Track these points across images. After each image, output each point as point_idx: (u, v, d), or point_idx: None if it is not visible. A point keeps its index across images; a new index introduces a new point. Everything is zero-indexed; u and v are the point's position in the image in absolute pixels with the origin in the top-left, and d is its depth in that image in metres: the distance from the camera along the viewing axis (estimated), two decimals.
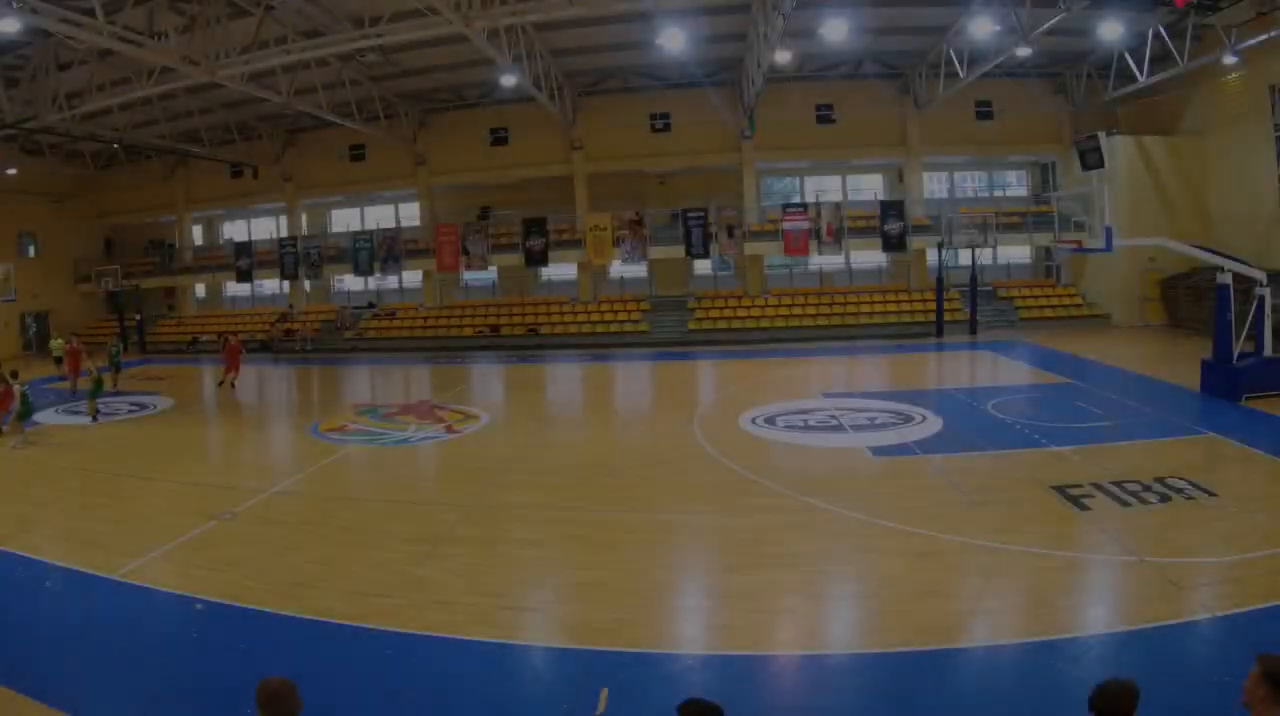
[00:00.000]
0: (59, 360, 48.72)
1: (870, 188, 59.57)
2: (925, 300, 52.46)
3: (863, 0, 40.67)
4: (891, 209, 52.21)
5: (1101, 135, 36.36)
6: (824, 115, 55.16)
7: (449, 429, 30.44)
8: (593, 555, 16.79)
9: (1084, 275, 52.84)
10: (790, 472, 22.09)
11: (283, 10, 35.97)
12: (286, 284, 66.86)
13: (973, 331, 48.48)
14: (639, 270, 60.06)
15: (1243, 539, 15.49)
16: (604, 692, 11.27)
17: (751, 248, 54.67)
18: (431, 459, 27.06)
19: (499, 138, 59.94)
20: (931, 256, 52.81)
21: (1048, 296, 53.37)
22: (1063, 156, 52.89)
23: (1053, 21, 34.95)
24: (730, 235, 52.91)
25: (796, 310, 54.10)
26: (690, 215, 53.37)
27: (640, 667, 12.14)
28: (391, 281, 65.91)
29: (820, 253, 53.47)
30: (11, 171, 59.34)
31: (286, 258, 62.10)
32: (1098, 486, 18.88)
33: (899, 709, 10.81)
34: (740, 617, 13.59)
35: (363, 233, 61.57)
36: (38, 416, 35.98)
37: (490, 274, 62.24)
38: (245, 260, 63.81)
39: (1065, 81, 52.35)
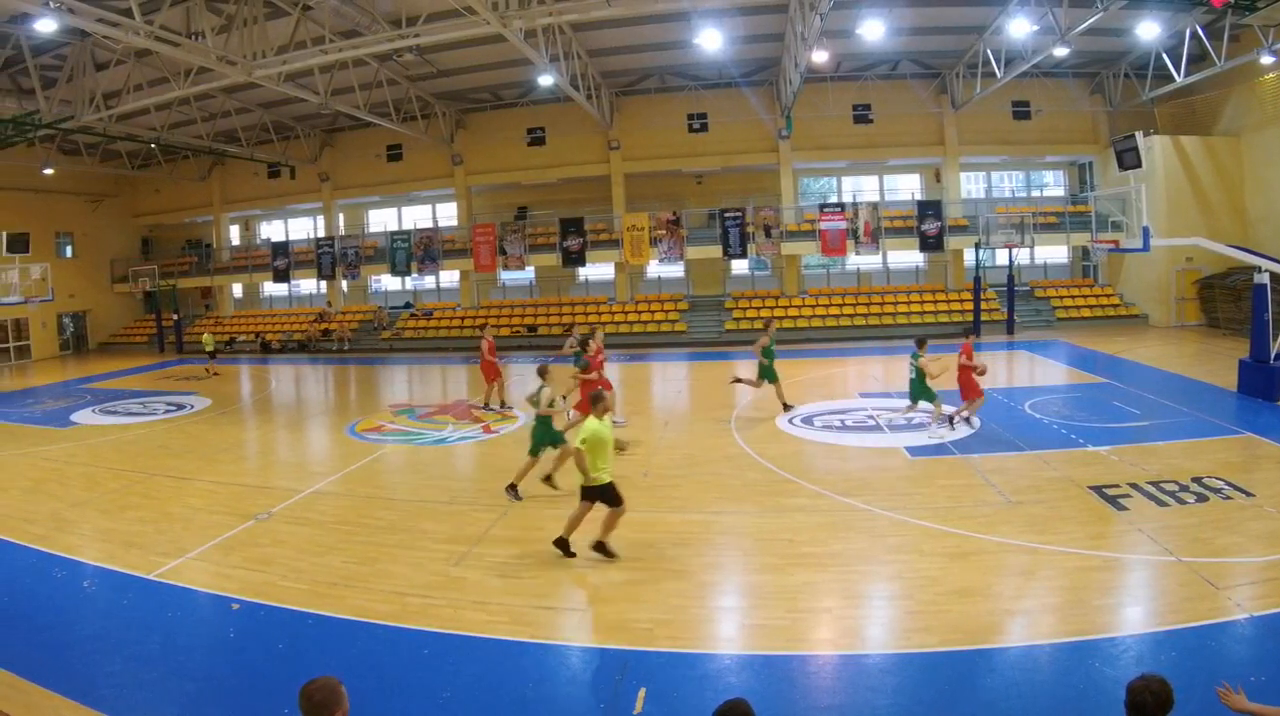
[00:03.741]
0: (212, 354, 49.93)
1: (907, 187, 59.72)
2: (962, 300, 53.07)
3: (900, 0, 40.79)
4: (929, 209, 52.51)
5: (1139, 135, 36.60)
6: (861, 115, 55.46)
7: (486, 429, 30.49)
8: (630, 555, 16.67)
9: (1121, 275, 52.91)
10: (828, 472, 22.02)
11: (320, 10, 36.51)
12: (324, 284, 67.39)
13: (1010, 331, 48.58)
14: (676, 270, 60.66)
15: None
16: (641, 692, 11.40)
17: (789, 247, 55.02)
18: (468, 459, 27.03)
19: (536, 138, 60.44)
20: (969, 256, 52.96)
21: (1085, 296, 53.55)
22: (1100, 156, 53.39)
23: (1090, 21, 35.02)
24: (767, 235, 53.34)
25: (834, 310, 54.52)
26: (727, 215, 53.87)
27: (677, 667, 12.17)
28: (429, 281, 66.55)
29: (857, 252, 54.01)
30: (49, 171, 60.19)
31: (324, 257, 63.01)
32: (1135, 486, 18.87)
33: (936, 709, 10.84)
34: (778, 617, 13.58)
35: (400, 232, 62.13)
36: (75, 415, 36.90)
37: (527, 274, 62.82)
38: (282, 260, 64.80)
39: (1102, 81, 52.38)
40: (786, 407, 30.60)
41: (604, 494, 15.94)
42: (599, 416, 15.98)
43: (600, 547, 16.20)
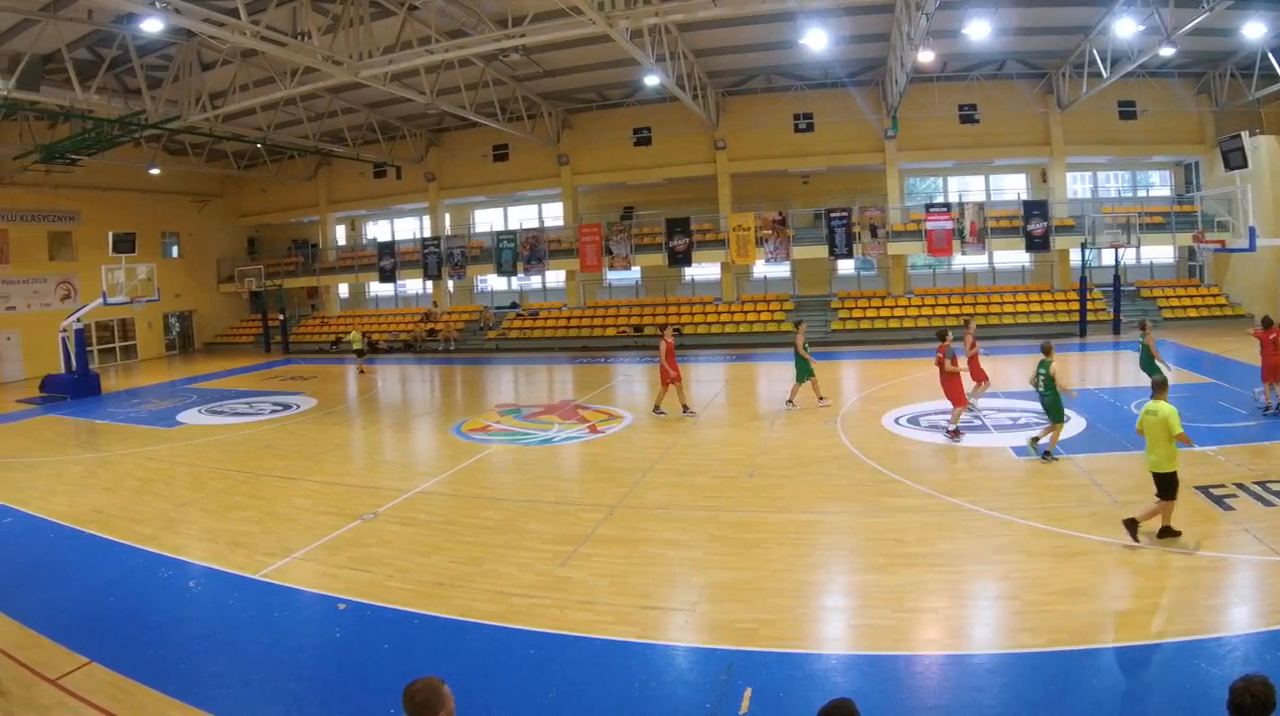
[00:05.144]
0: (360, 353, 52.57)
1: (1013, 187, 61.23)
2: (1069, 300, 54.14)
3: (1006, 0, 41.55)
4: (1035, 209, 53.93)
5: (1245, 135, 37.13)
6: (967, 115, 56.91)
7: (592, 429, 31.42)
8: (736, 555, 17.28)
9: (1227, 275, 54.13)
10: (934, 472, 22.73)
11: (426, 10, 37.52)
12: (429, 284, 69.32)
13: (1116, 331, 49.81)
14: (782, 270, 62.73)
15: None
16: (747, 692, 11.72)
17: (895, 247, 56.36)
18: (574, 459, 27.82)
19: (642, 138, 62.36)
20: (1074, 256, 54.62)
21: (1191, 296, 54.71)
22: (1206, 156, 53.82)
23: (1196, 21, 35.16)
24: (873, 235, 54.69)
25: (940, 310, 55.68)
26: (833, 215, 55.36)
27: (783, 667, 12.50)
28: (535, 281, 69.37)
29: (963, 252, 55.40)
30: (155, 171, 62.77)
31: (430, 257, 65.07)
32: (1241, 486, 19.24)
33: (1043, 709, 11.07)
34: (883, 617, 14.02)
35: (506, 232, 64.41)
36: (181, 415, 38.87)
37: (634, 274, 64.92)
38: (389, 260, 66.90)
39: (1208, 81, 53.44)
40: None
41: (1171, 482, 16.12)
42: (1164, 398, 16.56)
43: (1168, 532, 16.31)
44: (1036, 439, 23.48)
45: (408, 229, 75.24)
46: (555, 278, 67.18)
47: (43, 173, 57.72)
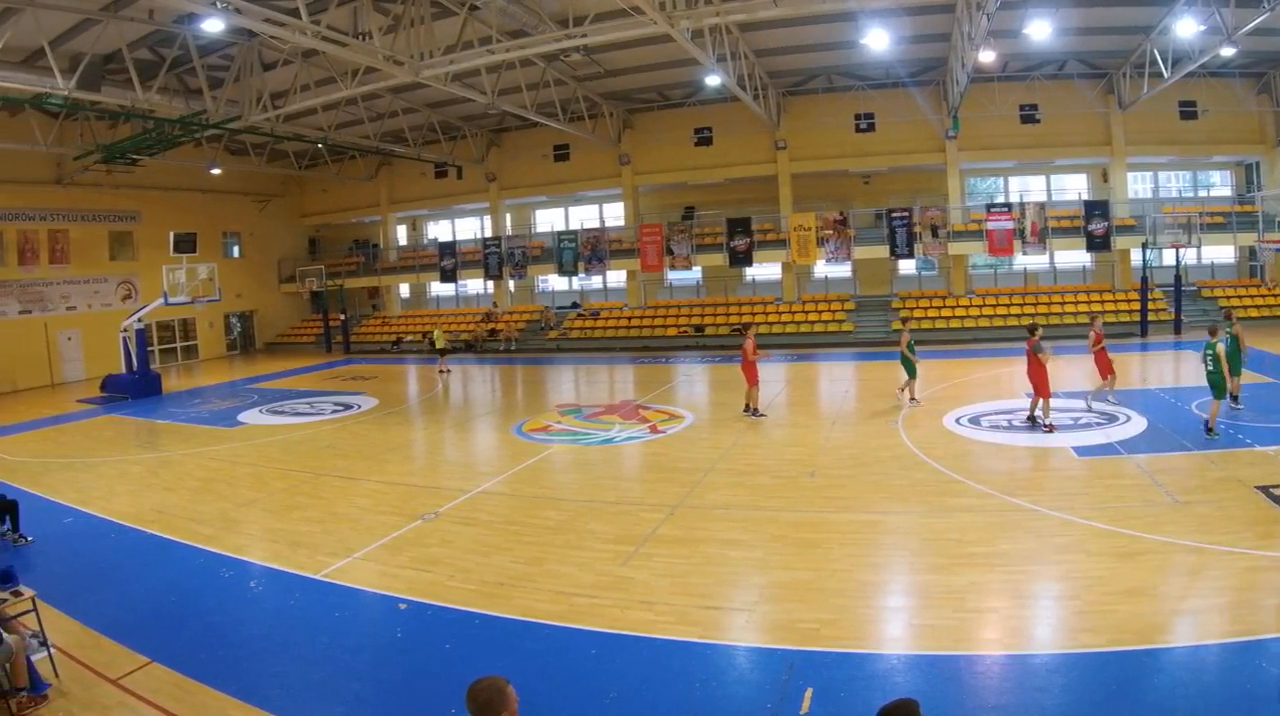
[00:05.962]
0: (443, 352, 53.50)
1: (1074, 187, 61.76)
2: (1129, 300, 54.53)
3: (1067, 0, 41.99)
4: (1095, 209, 54.46)
5: None
6: (1028, 115, 57.54)
7: (653, 429, 31.86)
8: (797, 555, 17.51)
9: None
10: (995, 472, 22.86)
11: (487, 10, 37.91)
12: (490, 284, 70.70)
13: (1177, 331, 50.18)
14: (843, 270, 63.34)
15: None
16: (808, 692, 11.88)
17: (956, 248, 57.02)
18: (635, 459, 28.21)
19: (703, 138, 63.44)
20: (1135, 256, 55.09)
21: (1252, 296, 54.81)
22: (1267, 156, 55.10)
23: (1257, 21, 35.28)
24: (934, 235, 55.41)
25: (1001, 310, 56.34)
26: (894, 215, 56.24)
27: (844, 667, 12.67)
28: (595, 281, 70.54)
29: (1024, 252, 55.98)
30: (216, 171, 64.37)
31: (491, 257, 66.42)
32: None
33: (1104, 709, 11.15)
34: (944, 617, 14.20)
35: (567, 232, 65.72)
36: (242, 415, 39.95)
37: (694, 274, 66.07)
38: (449, 260, 68.31)
39: (1269, 81, 53.88)
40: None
41: None
42: None
43: None
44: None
45: (469, 229, 76.80)
46: (616, 278, 68.50)
47: (104, 173, 59.33)
